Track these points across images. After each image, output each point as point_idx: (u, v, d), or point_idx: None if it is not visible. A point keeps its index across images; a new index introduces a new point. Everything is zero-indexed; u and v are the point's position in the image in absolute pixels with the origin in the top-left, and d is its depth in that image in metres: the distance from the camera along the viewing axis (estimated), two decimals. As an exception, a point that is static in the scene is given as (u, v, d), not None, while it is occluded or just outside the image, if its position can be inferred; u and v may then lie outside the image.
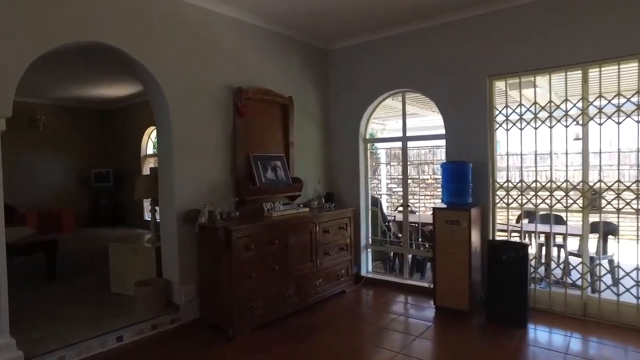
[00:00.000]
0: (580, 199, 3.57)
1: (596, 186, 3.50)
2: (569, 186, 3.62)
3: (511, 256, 3.48)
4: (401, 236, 4.84)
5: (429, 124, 6.88)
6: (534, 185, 3.76)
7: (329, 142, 5.10)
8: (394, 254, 5.04)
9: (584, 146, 3.55)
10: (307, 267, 3.92)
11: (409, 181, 4.93)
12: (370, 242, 5.01)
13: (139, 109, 8.47)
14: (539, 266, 3.85)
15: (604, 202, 3.50)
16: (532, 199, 3.78)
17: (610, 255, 4.04)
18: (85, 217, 9.06)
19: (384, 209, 5.66)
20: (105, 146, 9.43)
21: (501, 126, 3.93)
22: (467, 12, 3.96)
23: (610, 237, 4.19)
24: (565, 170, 3.75)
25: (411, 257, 4.83)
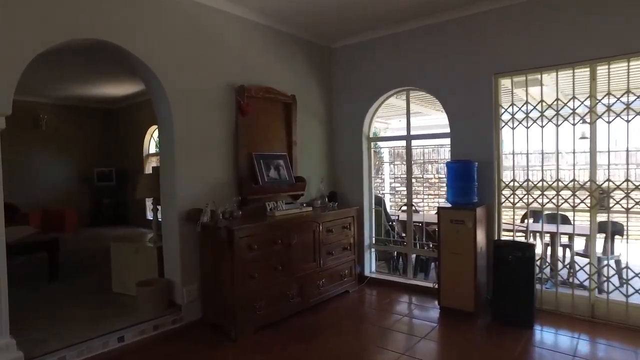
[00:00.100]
0: (588, 198, 3.52)
1: (604, 185, 3.45)
2: (577, 185, 3.57)
3: (517, 256, 3.44)
4: (405, 236, 4.80)
5: (432, 123, 6.85)
6: (540, 184, 3.71)
7: (332, 141, 5.06)
8: (397, 253, 4.99)
9: (592, 145, 3.50)
10: (310, 267, 3.88)
11: (413, 180, 4.89)
12: (373, 242, 4.97)
13: (141, 108, 8.44)
14: (545, 266, 3.80)
15: (613, 202, 3.44)
16: (538, 199, 3.73)
17: (617, 255, 3.99)
18: (87, 217, 9.05)
19: (388, 208, 5.62)
20: (107, 145, 9.42)
21: (507, 124, 3.89)
22: (472, 9, 3.91)
23: (616, 237, 4.14)
24: (572, 169, 3.70)
25: (415, 256, 4.79)
